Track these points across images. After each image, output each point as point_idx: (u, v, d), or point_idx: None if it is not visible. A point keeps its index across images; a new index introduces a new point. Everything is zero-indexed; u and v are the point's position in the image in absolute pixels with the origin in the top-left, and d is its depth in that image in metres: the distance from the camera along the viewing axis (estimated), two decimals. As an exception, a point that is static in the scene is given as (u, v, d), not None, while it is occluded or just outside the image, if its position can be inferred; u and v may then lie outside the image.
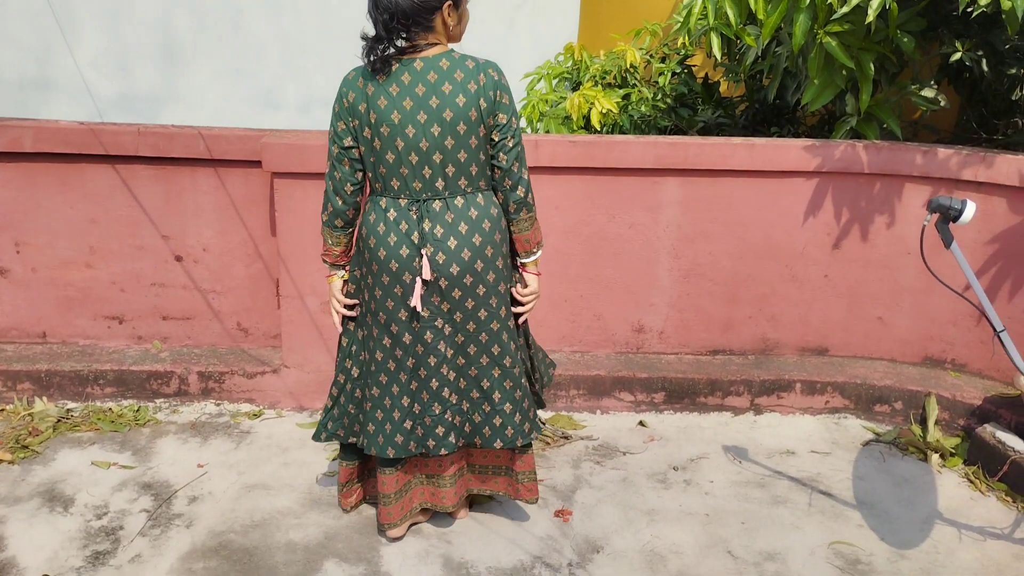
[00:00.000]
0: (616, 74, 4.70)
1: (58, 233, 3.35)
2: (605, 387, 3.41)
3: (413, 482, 2.53)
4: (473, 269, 2.28)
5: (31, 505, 2.68)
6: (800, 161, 3.35)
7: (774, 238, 3.46)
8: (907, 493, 2.93)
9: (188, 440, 3.11)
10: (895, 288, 3.48)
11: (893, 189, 3.37)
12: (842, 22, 3.23)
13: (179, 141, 3.24)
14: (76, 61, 4.96)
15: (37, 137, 3.22)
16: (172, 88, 5.14)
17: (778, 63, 3.75)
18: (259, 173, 3.28)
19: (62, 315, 3.44)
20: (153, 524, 2.60)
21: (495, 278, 2.33)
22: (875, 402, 3.42)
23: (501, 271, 2.35)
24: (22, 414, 3.21)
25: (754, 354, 3.61)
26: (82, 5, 4.89)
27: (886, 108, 3.48)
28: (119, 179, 3.30)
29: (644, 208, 3.40)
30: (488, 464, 2.59)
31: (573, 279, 3.47)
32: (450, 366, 2.36)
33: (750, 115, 4.43)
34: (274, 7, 5.10)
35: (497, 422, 2.41)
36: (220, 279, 3.43)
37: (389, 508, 2.47)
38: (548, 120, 4.53)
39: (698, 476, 2.99)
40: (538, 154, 3.29)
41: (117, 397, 3.32)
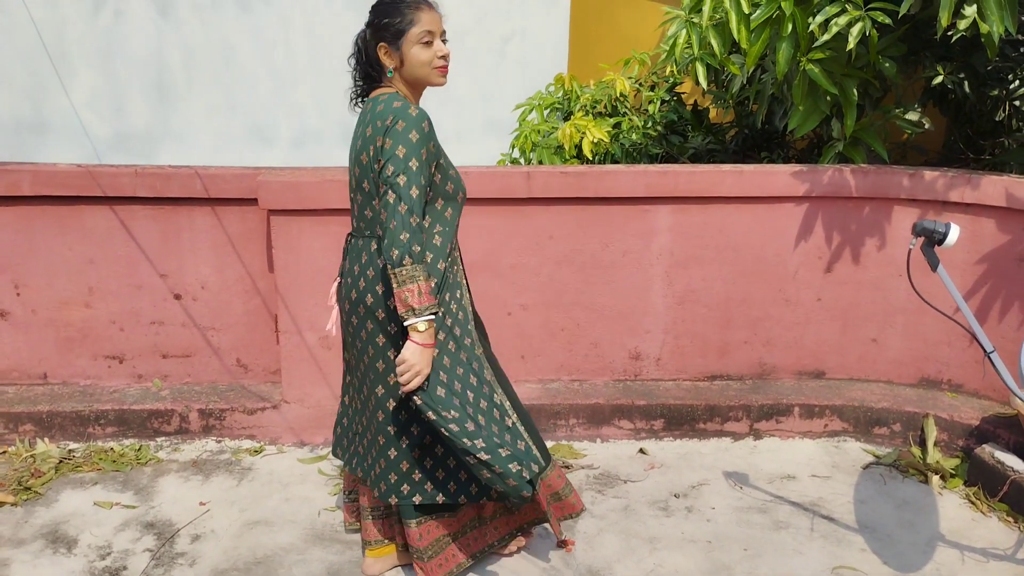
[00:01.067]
0: (606, 103, 4.77)
1: (57, 274, 3.37)
2: (604, 415, 3.43)
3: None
4: (357, 311, 2.27)
5: (35, 547, 2.67)
6: (789, 186, 3.40)
7: (766, 262, 3.50)
8: (909, 516, 2.94)
9: (190, 478, 3.11)
10: (888, 309, 3.52)
11: (882, 212, 3.42)
12: (824, 49, 3.30)
13: (176, 181, 3.28)
14: (72, 102, 5.01)
15: (35, 180, 3.26)
16: (167, 125, 5.19)
17: (764, 90, 3.82)
18: (255, 210, 3.32)
19: (62, 355, 3.45)
20: (156, 563, 2.60)
21: (372, 328, 2.24)
22: (874, 424, 3.44)
23: (380, 324, 2.23)
24: (24, 455, 3.21)
25: (751, 378, 3.63)
26: (75, 46, 4.95)
27: (871, 132, 3.54)
28: (117, 220, 3.33)
29: (637, 235, 3.44)
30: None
31: (568, 307, 3.50)
32: (356, 392, 2.44)
33: (740, 140, 4.50)
34: (265, 42, 5.18)
35: (378, 468, 2.36)
36: (219, 316, 3.45)
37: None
38: (540, 150, 4.59)
39: (699, 503, 3.00)
40: (531, 185, 3.34)
41: (118, 436, 3.33)
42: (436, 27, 2.16)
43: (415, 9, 2.14)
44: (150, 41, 5.02)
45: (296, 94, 5.20)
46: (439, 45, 2.17)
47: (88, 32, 4.94)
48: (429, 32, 2.14)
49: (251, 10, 5.09)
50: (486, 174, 3.34)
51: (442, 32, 2.20)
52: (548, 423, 3.41)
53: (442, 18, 2.20)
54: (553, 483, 2.56)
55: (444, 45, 2.19)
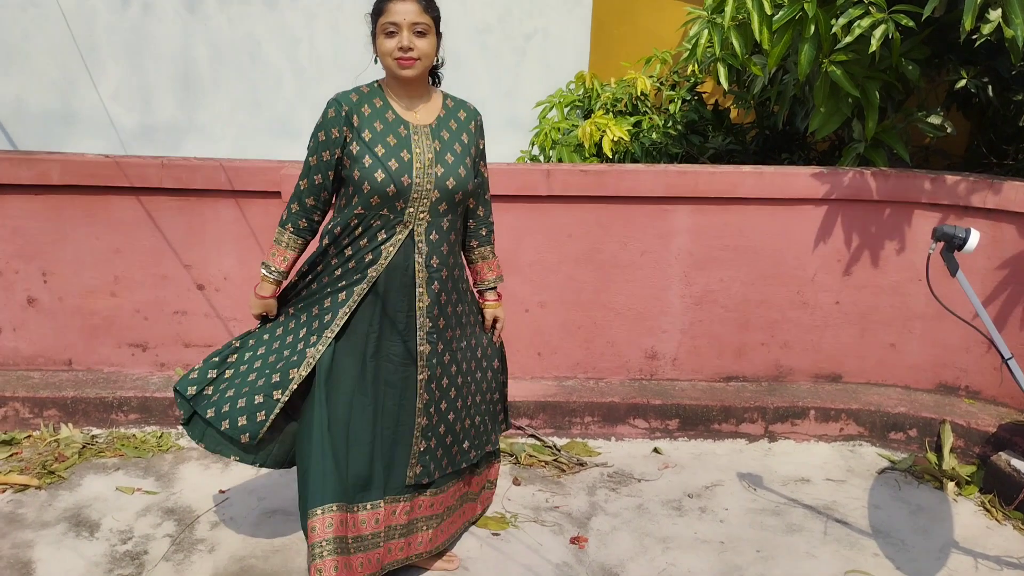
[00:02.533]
0: (627, 102, 4.78)
1: (84, 263, 3.44)
2: (619, 414, 3.44)
3: None
4: None
5: (58, 530, 2.73)
6: (809, 188, 3.40)
7: (785, 264, 3.50)
8: (923, 522, 2.94)
9: (210, 466, 3.16)
10: (906, 314, 3.51)
11: (902, 216, 3.41)
12: (846, 51, 3.29)
13: (201, 173, 3.33)
14: (99, 94, 5.09)
15: (64, 170, 3.32)
16: (192, 119, 5.25)
17: (786, 91, 3.82)
18: (278, 203, 3.36)
19: (87, 343, 3.52)
20: (176, 549, 2.65)
21: None
22: (890, 429, 3.43)
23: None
24: (48, 440, 3.28)
25: (767, 380, 3.63)
26: (104, 39, 5.03)
27: (893, 135, 3.53)
28: (143, 210, 3.39)
29: (655, 235, 3.45)
30: None
31: (586, 306, 3.52)
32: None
33: (760, 141, 4.49)
34: (290, 39, 5.23)
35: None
36: (241, 307, 3.50)
37: None
38: (560, 148, 4.61)
39: (713, 503, 3.01)
40: (550, 183, 3.36)
41: (140, 423, 3.39)
42: (402, 19, 2.15)
43: (385, 0, 2.19)
44: (177, 36, 5.09)
45: (320, 90, 5.23)
46: (402, 37, 2.16)
47: (117, 26, 5.01)
48: (393, 24, 2.16)
49: (276, 6, 5.14)
50: (506, 171, 3.36)
51: (413, 24, 2.16)
52: (563, 420, 3.44)
53: (420, 11, 2.17)
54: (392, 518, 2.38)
55: (414, 38, 2.17)
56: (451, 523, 2.56)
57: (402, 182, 2.20)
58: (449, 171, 2.26)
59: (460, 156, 2.30)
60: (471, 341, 2.48)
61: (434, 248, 2.28)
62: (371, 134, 2.22)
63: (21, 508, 2.84)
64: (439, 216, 2.27)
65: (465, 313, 2.45)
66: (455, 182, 2.26)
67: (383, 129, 2.24)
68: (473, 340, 2.49)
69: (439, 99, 2.37)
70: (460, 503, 2.60)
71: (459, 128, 2.34)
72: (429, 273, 2.28)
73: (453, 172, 2.26)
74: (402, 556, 2.42)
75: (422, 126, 2.28)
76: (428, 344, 2.31)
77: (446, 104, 2.37)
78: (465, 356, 2.45)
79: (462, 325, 2.43)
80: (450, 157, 2.28)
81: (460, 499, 2.59)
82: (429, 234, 2.27)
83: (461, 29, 5.36)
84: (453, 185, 2.26)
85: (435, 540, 2.49)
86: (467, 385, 2.46)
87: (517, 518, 2.87)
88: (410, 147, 2.24)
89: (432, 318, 2.31)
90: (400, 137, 2.24)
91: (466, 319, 2.46)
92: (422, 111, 2.31)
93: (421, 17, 2.18)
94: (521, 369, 3.58)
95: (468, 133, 2.36)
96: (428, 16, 2.19)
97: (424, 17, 2.18)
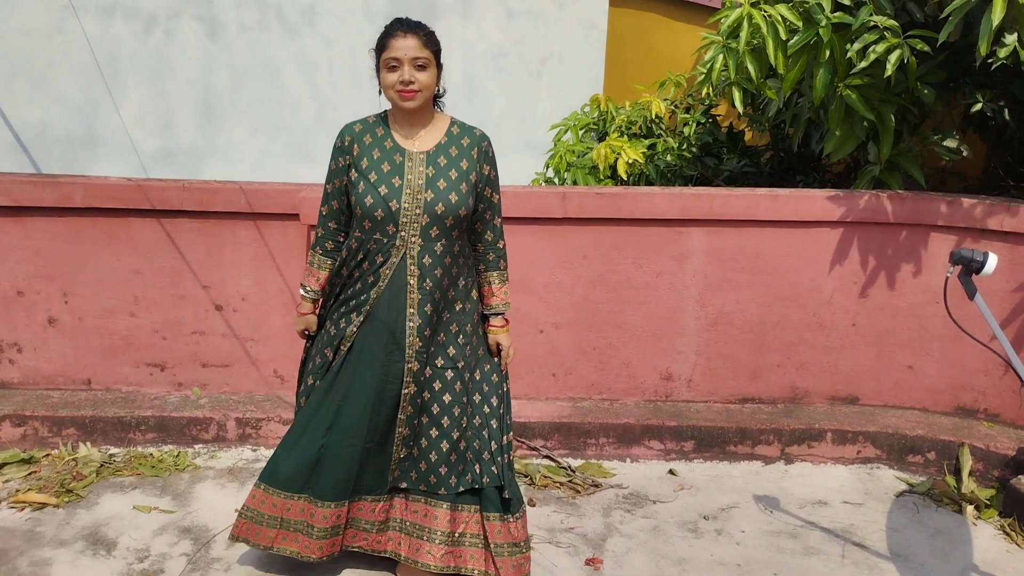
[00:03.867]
0: (642, 124, 4.82)
1: (104, 284, 3.48)
2: (634, 435, 3.43)
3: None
4: None
5: (76, 548, 2.75)
6: (825, 211, 3.40)
7: (800, 286, 3.49)
8: (942, 545, 2.90)
9: (226, 485, 3.18)
10: (924, 336, 3.49)
11: (919, 238, 3.41)
12: (862, 75, 3.31)
13: (221, 196, 3.38)
14: (122, 118, 5.18)
15: (87, 193, 3.38)
16: (211, 142, 5.34)
17: (800, 114, 3.83)
18: (296, 225, 3.40)
19: (106, 362, 3.56)
20: (193, 568, 2.66)
21: None
22: (908, 452, 3.40)
23: None
24: (67, 459, 3.31)
25: (783, 402, 3.62)
26: (127, 65, 5.13)
27: (908, 157, 3.53)
28: (163, 232, 3.44)
29: (670, 257, 3.46)
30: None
31: (601, 327, 3.52)
32: None
33: (775, 163, 4.50)
34: (308, 64, 5.32)
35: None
36: (258, 328, 3.53)
37: None
38: (575, 170, 4.64)
39: (729, 525, 2.99)
40: (566, 205, 3.38)
41: (158, 443, 3.41)
42: (403, 55, 2.27)
43: (387, 36, 2.31)
44: (198, 61, 5.19)
45: (337, 114, 5.32)
46: (403, 71, 2.27)
47: (140, 52, 5.12)
48: (395, 59, 2.28)
49: (296, 32, 5.24)
50: (521, 194, 3.39)
51: (414, 59, 2.27)
52: (578, 441, 3.43)
53: (420, 46, 2.28)
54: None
55: (415, 72, 2.28)
56: (436, 550, 2.47)
57: (390, 207, 2.32)
58: (439, 197, 2.34)
59: (454, 182, 2.36)
60: (470, 363, 2.49)
61: (427, 271, 2.37)
62: (368, 162, 2.36)
63: (40, 526, 2.87)
64: (431, 240, 2.36)
65: (463, 333, 2.47)
66: (444, 207, 2.34)
67: (379, 156, 2.37)
68: (473, 363, 2.51)
69: (444, 126, 2.43)
70: (453, 541, 2.49)
71: (459, 155, 2.40)
72: (422, 295, 2.37)
73: (443, 198, 2.34)
74: (370, 547, 2.53)
75: (418, 153, 2.37)
76: (417, 362, 2.40)
77: (451, 131, 2.43)
78: (458, 377, 2.45)
79: (457, 345, 2.46)
80: (442, 183, 2.35)
81: (452, 535, 2.48)
82: (422, 258, 2.36)
83: (477, 53, 5.44)
84: (442, 211, 2.34)
85: (413, 551, 2.48)
86: (455, 407, 2.45)
87: (532, 539, 2.86)
88: (402, 173, 2.34)
89: (423, 338, 2.39)
90: (394, 164, 2.35)
91: (463, 339, 2.47)
92: (422, 139, 2.40)
93: (421, 52, 2.29)
94: (535, 390, 3.58)
95: (469, 160, 2.40)
96: (428, 51, 2.31)
97: (424, 52, 2.30)
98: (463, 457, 2.48)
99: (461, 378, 2.46)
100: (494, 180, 2.48)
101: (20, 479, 3.17)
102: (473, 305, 2.52)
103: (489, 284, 2.54)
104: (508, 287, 2.58)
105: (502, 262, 2.55)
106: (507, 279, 2.57)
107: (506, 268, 2.57)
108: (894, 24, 3.18)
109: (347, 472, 2.44)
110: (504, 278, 2.56)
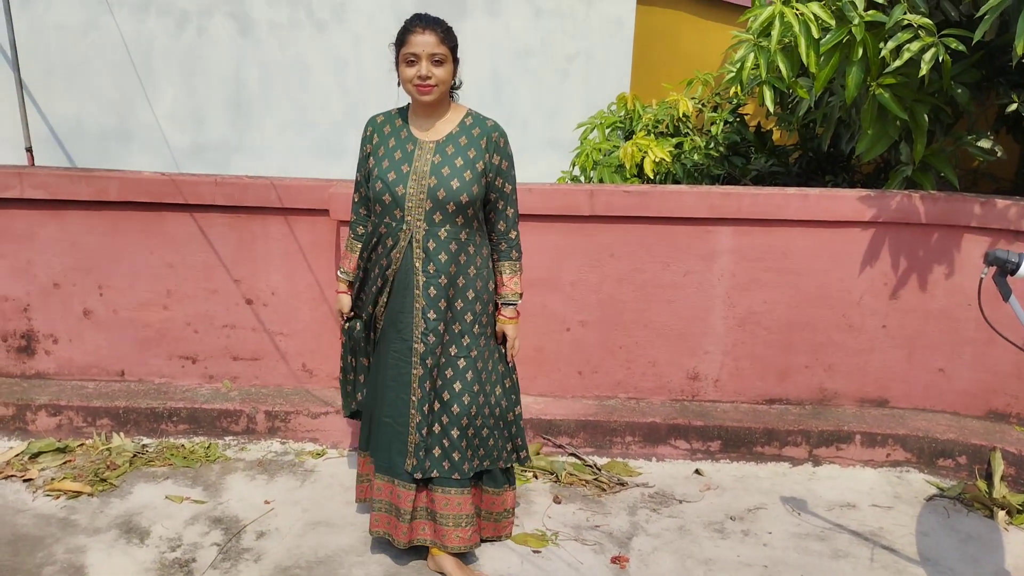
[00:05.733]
0: (668, 123, 4.79)
1: (138, 277, 3.54)
2: (660, 434, 3.43)
3: None
4: None
5: (109, 536, 2.80)
6: (855, 211, 3.37)
7: (829, 287, 3.47)
8: (973, 550, 2.87)
9: (255, 477, 3.22)
10: (956, 339, 3.45)
11: (951, 240, 3.37)
12: (895, 75, 3.27)
13: (252, 191, 3.42)
14: (155, 113, 5.26)
15: (122, 187, 3.43)
16: (241, 138, 5.40)
17: (831, 113, 3.80)
18: (325, 221, 3.43)
19: (139, 354, 3.61)
20: (224, 558, 2.70)
21: None
22: (938, 456, 3.36)
23: None
24: (100, 448, 3.37)
25: (811, 404, 3.59)
26: (161, 62, 5.20)
27: (941, 158, 3.49)
28: (196, 226, 3.48)
29: (698, 256, 3.45)
30: None
31: (628, 326, 3.52)
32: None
33: (804, 163, 4.47)
34: (337, 62, 5.35)
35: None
36: (287, 322, 3.57)
37: None
38: (601, 169, 4.63)
39: (756, 527, 2.98)
40: (593, 203, 3.38)
41: (189, 434, 3.46)
42: (421, 50, 2.35)
43: (406, 33, 2.39)
44: (230, 58, 5.25)
45: (365, 110, 5.32)
46: (421, 66, 2.36)
47: (172, 49, 5.19)
48: (413, 54, 2.37)
49: (325, 30, 5.28)
50: (549, 191, 3.40)
51: (431, 55, 2.36)
52: (603, 440, 3.43)
53: (438, 42, 2.36)
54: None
55: (432, 67, 2.36)
56: (463, 532, 2.58)
57: (396, 192, 2.44)
58: (442, 183, 2.42)
59: (459, 169, 2.42)
60: (483, 353, 2.57)
61: (432, 255, 2.46)
62: (384, 150, 2.50)
63: (74, 514, 2.92)
64: (435, 225, 2.44)
65: (478, 323, 2.54)
66: (445, 193, 2.41)
67: (394, 145, 2.48)
68: (486, 353, 2.59)
69: (459, 117, 2.50)
70: (472, 519, 2.62)
71: (468, 144, 2.46)
72: (427, 278, 2.47)
73: (445, 184, 2.41)
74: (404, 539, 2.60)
75: (429, 142, 2.47)
76: (423, 344, 2.49)
77: (464, 122, 2.49)
78: (471, 366, 2.53)
79: (472, 335, 2.53)
80: (446, 170, 2.42)
81: (472, 515, 2.62)
82: (427, 242, 2.45)
83: (504, 52, 5.44)
84: (444, 196, 2.41)
85: (440, 536, 2.57)
86: (465, 394, 2.53)
87: (557, 536, 2.87)
88: (411, 161, 2.45)
89: (428, 320, 2.47)
90: (405, 152, 2.46)
91: (478, 329, 2.55)
92: (436, 129, 2.49)
93: (439, 48, 2.37)
94: (561, 388, 3.59)
95: (477, 148, 2.46)
96: (445, 47, 2.39)
97: (441, 48, 2.38)
98: (472, 444, 2.58)
99: (474, 367, 2.54)
100: (506, 170, 2.52)
101: (55, 468, 3.24)
102: (490, 296, 2.59)
103: (500, 274, 2.61)
104: (520, 278, 2.63)
105: (514, 252, 2.60)
106: (520, 270, 2.62)
107: (519, 259, 2.62)
108: (928, 23, 3.14)
109: (386, 443, 2.58)
110: (516, 269, 2.61)
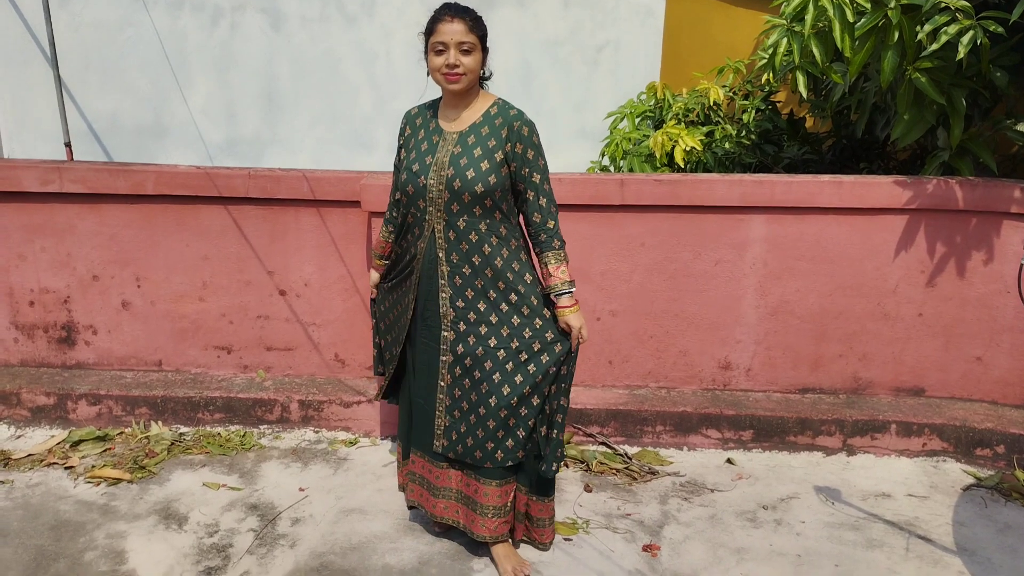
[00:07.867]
0: (699, 111, 4.75)
1: (174, 269, 3.61)
2: (692, 424, 3.42)
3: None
4: None
5: (149, 522, 2.87)
6: (891, 198, 3.32)
7: (864, 275, 3.42)
8: (1011, 541, 2.83)
9: (290, 465, 3.27)
10: (994, 328, 3.39)
11: (990, 226, 3.30)
12: (932, 58, 3.21)
13: (285, 183, 3.46)
14: (189, 108, 5.33)
15: (158, 181, 3.50)
16: (274, 132, 5.46)
17: (866, 99, 3.74)
18: (357, 212, 3.47)
19: (176, 345, 3.69)
20: (260, 543, 2.75)
21: None
22: (975, 445, 3.31)
23: None
24: (139, 437, 3.44)
25: (845, 393, 3.55)
26: (195, 57, 5.28)
27: (980, 143, 3.42)
28: (230, 219, 3.54)
29: (730, 245, 3.42)
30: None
31: (658, 315, 3.51)
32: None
33: (837, 151, 4.41)
34: (367, 55, 5.38)
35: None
36: (320, 312, 3.61)
37: None
38: (631, 158, 4.61)
39: (789, 516, 2.96)
40: (624, 193, 3.37)
41: (225, 423, 3.53)
42: (449, 39, 2.35)
43: (435, 22, 2.39)
44: (262, 53, 5.30)
45: (395, 104, 5.38)
46: (449, 55, 2.36)
47: (206, 44, 5.26)
48: (442, 43, 2.36)
49: (356, 24, 5.31)
50: (579, 181, 3.39)
51: (460, 43, 2.35)
52: (635, 429, 3.43)
53: (466, 30, 2.35)
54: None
55: (460, 56, 2.35)
56: (490, 523, 2.59)
57: (419, 182, 2.45)
58: (458, 173, 2.40)
59: (476, 159, 2.39)
60: (532, 345, 2.46)
61: (453, 245, 2.46)
62: (414, 142, 2.53)
63: (114, 500, 3.00)
64: (454, 216, 2.44)
65: (517, 314, 2.46)
66: (461, 183, 2.39)
67: (423, 137, 2.51)
68: (536, 345, 2.46)
69: (485, 106, 2.47)
70: (506, 511, 2.62)
71: (490, 133, 2.42)
72: (450, 267, 2.47)
73: (461, 174, 2.39)
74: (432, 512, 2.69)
75: (452, 132, 2.46)
76: (452, 331, 2.51)
77: (488, 111, 2.45)
78: (511, 357, 2.46)
79: (512, 325, 2.46)
80: (464, 160, 2.40)
81: (507, 507, 2.62)
82: (447, 232, 2.45)
83: (533, 42, 5.43)
84: (459, 186, 2.39)
85: (470, 522, 2.62)
86: (504, 385, 2.46)
87: (588, 524, 2.88)
88: (434, 152, 2.45)
89: (456, 309, 2.49)
90: (431, 143, 2.48)
91: (519, 320, 2.46)
92: (461, 119, 2.48)
93: (467, 36, 2.36)
94: (592, 377, 3.59)
95: (497, 138, 2.41)
96: (474, 35, 2.38)
97: (470, 36, 2.37)
98: (515, 435, 2.49)
99: (516, 358, 2.45)
100: (531, 159, 2.43)
101: (96, 455, 3.32)
102: (528, 287, 2.49)
103: (545, 265, 2.51)
104: (567, 267, 2.51)
105: (555, 241, 2.49)
106: (565, 259, 2.50)
107: (562, 247, 2.50)
108: (966, 5, 3.07)
109: (420, 423, 2.65)
110: (560, 258, 2.49)
